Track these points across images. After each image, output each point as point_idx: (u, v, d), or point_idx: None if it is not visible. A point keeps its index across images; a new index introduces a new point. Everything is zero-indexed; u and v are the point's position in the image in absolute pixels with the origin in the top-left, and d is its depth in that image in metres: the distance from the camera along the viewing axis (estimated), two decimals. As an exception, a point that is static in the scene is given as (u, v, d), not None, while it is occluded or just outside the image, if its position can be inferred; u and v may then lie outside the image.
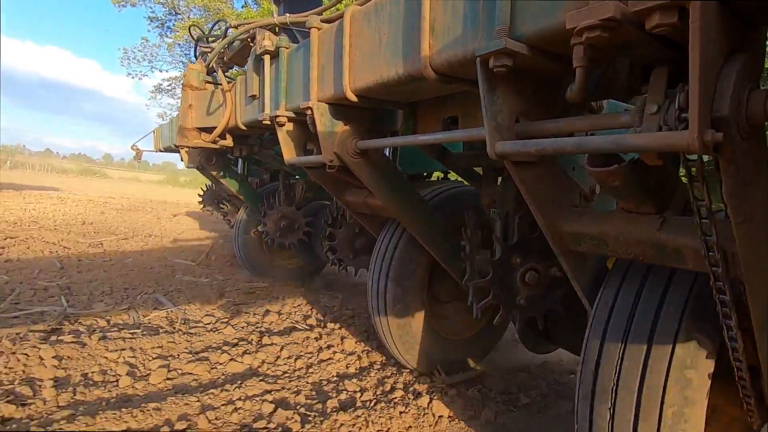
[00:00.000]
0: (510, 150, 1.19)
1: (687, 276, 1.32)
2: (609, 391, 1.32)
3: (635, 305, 1.36)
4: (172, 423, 2.13)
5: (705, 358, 1.26)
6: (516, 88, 1.26)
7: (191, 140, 3.47)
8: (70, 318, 3.41)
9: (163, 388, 2.50)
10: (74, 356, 2.73)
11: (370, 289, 2.80)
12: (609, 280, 1.48)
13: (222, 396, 2.43)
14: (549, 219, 1.44)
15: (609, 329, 1.38)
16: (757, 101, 0.84)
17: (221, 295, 4.42)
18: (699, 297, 1.28)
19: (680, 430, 1.24)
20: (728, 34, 0.84)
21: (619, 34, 0.91)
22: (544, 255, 1.97)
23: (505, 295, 1.95)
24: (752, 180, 0.96)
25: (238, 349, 3.08)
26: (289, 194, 4.82)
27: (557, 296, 2.00)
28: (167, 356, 2.89)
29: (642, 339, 1.30)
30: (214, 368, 2.78)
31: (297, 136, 2.42)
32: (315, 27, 1.99)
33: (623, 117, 1.10)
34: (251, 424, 2.18)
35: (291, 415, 2.26)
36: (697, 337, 1.25)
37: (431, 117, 2.08)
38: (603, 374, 1.36)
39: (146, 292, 4.32)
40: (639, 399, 1.27)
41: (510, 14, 1.10)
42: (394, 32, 1.54)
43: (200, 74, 3.41)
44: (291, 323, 3.65)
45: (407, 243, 2.68)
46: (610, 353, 1.35)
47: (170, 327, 3.42)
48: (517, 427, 2.41)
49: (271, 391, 2.53)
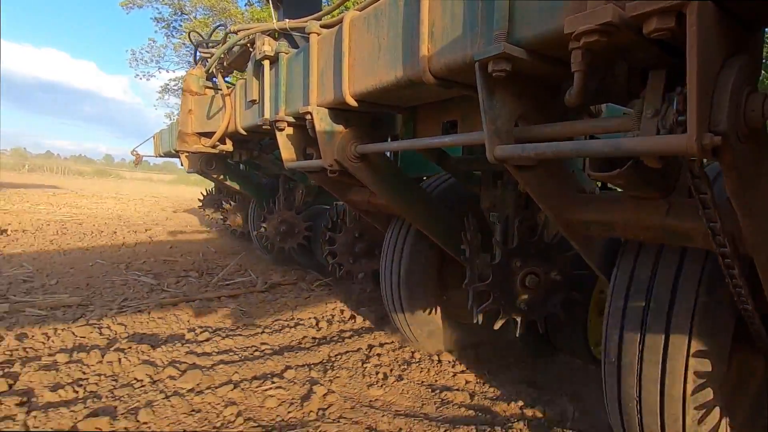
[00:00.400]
0: (509, 154, 1.19)
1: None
2: (634, 362, 1.38)
3: (653, 276, 1.40)
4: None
5: (724, 322, 1.32)
6: (515, 92, 1.26)
7: (191, 145, 3.47)
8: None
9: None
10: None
11: (383, 282, 2.85)
12: (624, 253, 1.52)
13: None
14: (557, 211, 1.46)
15: (629, 302, 1.43)
16: (755, 104, 0.85)
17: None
18: (714, 264, 1.29)
19: (704, 394, 1.30)
20: (726, 37, 0.85)
21: (617, 39, 0.91)
22: (544, 259, 1.97)
23: (505, 298, 1.95)
24: (754, 181, 0.96)
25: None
26: (289, 198, 4.83)
27: (557, 300, 2.00)
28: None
29: (662, 309, 1.34)
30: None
31: (297, 140, 2.42)
32: (314, 32, 2.00)
33: (622, 121, 1.10)
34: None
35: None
36: (715, 300, 1.29)
37: (431, 121, 2.08)
38: (627, 345, 1.41)
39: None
40: (663, 367, 1.31)
41: (508, 19, 1.11)
42: (394, 37, 1.54)
43: (200, 79, 3.43)
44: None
45: (415, 236, 2.71)
46: (632, 324, 1.40)
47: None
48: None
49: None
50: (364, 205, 2.85)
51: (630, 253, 1.48)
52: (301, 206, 4.75)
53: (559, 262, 1.99)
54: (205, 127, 3.42)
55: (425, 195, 2.56)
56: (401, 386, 2.40)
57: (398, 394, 2.31)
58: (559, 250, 2.00)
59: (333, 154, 2.12)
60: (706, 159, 0.86)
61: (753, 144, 0.91)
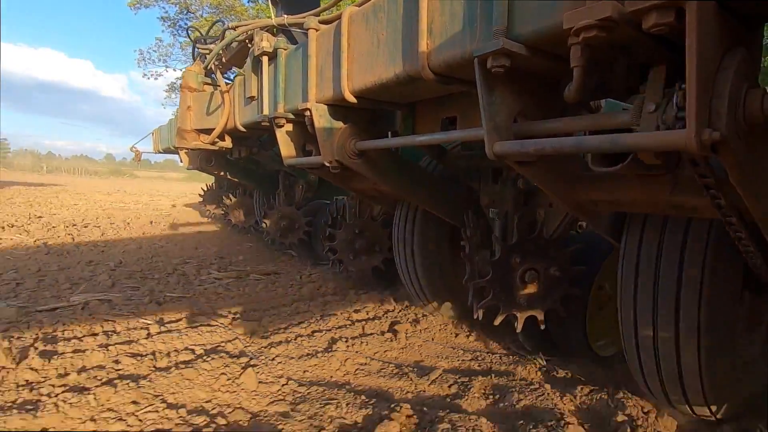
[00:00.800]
0: (509, 150, 1.19)
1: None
2: (649, 315, 1.50)
3: (661, 239, 1.47)
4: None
5: (732, 274, 1.43)
6: (514, 88, 1.26)
7: (190, 142, 3.46)
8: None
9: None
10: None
11: (398, 258, 2.93)
12: (632, 219, 1.58)
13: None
14: (563, 195, 1.49)
15: (640, 264, 1.52)
16: (754, 100, 0.84)
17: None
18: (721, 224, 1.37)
19: (721, 351, 1.43)
20: (725, 33, 0.84)
21: (616, 34, 0.91)
22: (544, 255, 1.98)
23: (504, 294, 1.95)
24: (756, 169, 0.97)
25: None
26: (290, 194, 4.81)
27: (557, 296, 2.00)
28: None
29: (672, 267, 1.44)
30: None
31: (296, 137, 2.41)
32: (313, 28, 1.99)
33: (621, 116, 1.10)
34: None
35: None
36: (723, 257, 1.38)
37: (430, 117, 2.08)
38: (641, 303, 1.52)
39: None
40: (677, 320, 1.43)
41: (507, 15, 1.10)
42: (392, 33, 1.54)
43: (198, 76, 3.41)
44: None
45: (423, 214, 2.74)
46: (645, 285, 1.50)
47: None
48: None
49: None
50: (371, 192, 2.87)
51: (638, 219, 1.56)
52: (301, 202, 4.74)
53: (559, 258, 1.99)
54: (203, 124, 3.40)
55: (428, 176, 2.55)
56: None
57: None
58: (558, 246, 2.00)
59: (332, 150, 2.11)
60: (705, 154, 0.86)
61: (753, 137, 0.91)
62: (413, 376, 2.11)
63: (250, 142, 4.21)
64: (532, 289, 1.98)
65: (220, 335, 2.51)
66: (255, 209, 5.91)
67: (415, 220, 2.79)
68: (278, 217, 4.53)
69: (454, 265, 2.82)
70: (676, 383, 1.52)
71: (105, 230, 6.50)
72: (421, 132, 2.12)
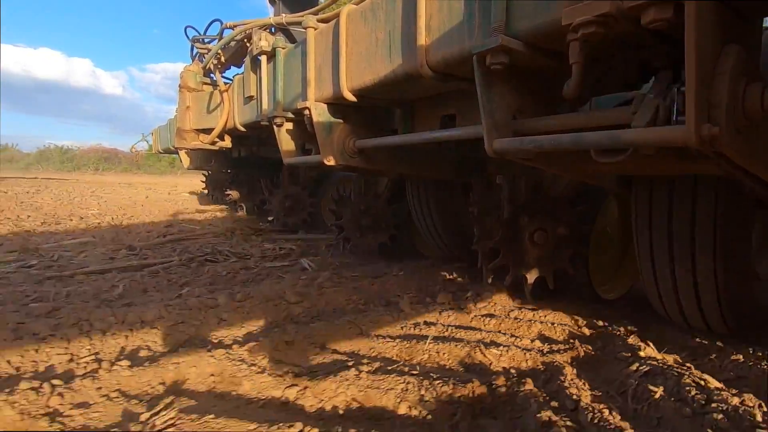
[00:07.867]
0: (508, 147, 1.19)
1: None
2: (665, 245, 1.57)
3: (671, 195, 1.53)
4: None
5: (743, 219, 1.51)
6: (513, 85, 1.26)
7: (189, 142, 3.45)
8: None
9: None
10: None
11: (420, 226, 3.02)
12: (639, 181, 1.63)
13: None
14: (570, 170, 1.49)
15: (652, 222, 1.59)
16: (754, 94, 0.84)
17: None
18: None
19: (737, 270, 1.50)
20: (724, 28, 0.84)
21: (614, 30, 0.91)
22: (551, 215, 1.98)
23: (514, 254, 1.96)
24: (754, 151, 0.97)
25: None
26: (294, 173, 4.74)
27: (566, 256, 2.00)
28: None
29: (685, 222, 1.50)
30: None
31: (295, 136, 2.41)
32: (311, 27, 1.99)
33: (621, 113, 1.10)
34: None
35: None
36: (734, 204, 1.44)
37: (429, 115, 2.07)
38: (659, 259, 1.60)
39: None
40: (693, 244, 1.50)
41: (506, 11, 1.10)
42: (391, 31, 1.53)
43: (197, 75, 3.39)
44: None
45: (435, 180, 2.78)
46: (660, 219, 1.57)
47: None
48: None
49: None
50: (378, 170, 2.89)
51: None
52: (306, 181, 4.70)
53: (566, 217, 1.99)
54: (203, 124, 3.39)
55: (429, 152, 2.51)
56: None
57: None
58: (565, 205, 2.01)
59: (332, 149, 2.11)
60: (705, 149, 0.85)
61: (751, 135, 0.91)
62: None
63: (250, 141, 4.19)
64: (541, 249, 1.98)
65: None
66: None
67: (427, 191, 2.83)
68: (283, 196, 4.52)
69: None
70: (695, 307, 1.59)
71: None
72: (420, 130, 2.11)
